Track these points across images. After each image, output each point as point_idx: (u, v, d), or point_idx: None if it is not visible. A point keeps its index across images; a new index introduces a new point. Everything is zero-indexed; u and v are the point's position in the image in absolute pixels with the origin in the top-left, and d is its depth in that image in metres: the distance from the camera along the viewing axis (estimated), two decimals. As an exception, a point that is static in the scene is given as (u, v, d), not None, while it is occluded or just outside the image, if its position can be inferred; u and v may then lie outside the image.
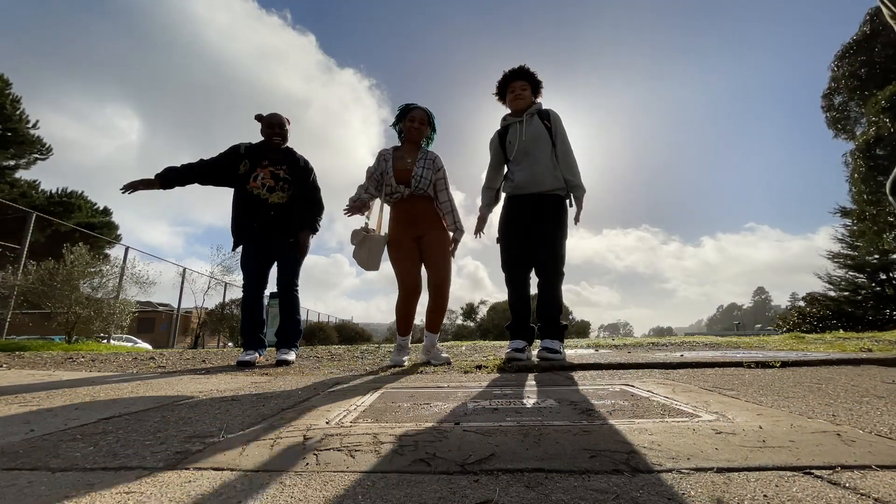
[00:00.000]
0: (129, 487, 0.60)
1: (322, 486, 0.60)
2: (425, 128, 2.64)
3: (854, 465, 0.66)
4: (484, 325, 28.39)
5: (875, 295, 14.77)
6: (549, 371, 1.98)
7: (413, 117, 2.60)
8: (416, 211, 2.58)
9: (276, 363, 2.62)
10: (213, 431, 0.92)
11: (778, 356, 2.27)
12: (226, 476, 0.64)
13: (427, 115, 2.64)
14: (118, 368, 2.53)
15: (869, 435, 0.83)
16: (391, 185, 2.53)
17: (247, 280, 2.77)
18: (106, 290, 7.15)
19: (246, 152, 2.79)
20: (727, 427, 0.89)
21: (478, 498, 0.55)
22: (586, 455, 0.71)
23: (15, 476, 0.66)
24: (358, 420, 1.01)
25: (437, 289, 2.55)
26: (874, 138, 13.34)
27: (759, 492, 0.56)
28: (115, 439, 0.86)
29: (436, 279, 2.55)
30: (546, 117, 2.56)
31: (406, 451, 0.76)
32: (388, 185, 2.55)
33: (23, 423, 1.01)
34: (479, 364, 2.30)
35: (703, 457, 0.70)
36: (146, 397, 1.40)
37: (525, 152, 2.52)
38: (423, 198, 2.59)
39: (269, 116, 2.85)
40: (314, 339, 16.47)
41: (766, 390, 1.39)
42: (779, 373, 1.81)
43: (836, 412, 1.05)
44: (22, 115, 17.45)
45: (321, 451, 0.76)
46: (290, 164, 2.85)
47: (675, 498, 0.55)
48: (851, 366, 2.00)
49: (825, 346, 3.14)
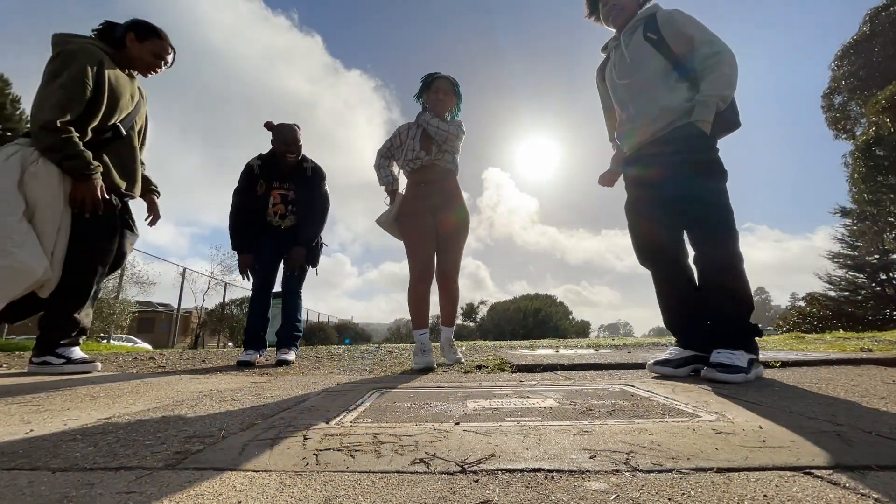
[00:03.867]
0: (129, 487, 0.60)
1: (322, 486, 0.60)
2: (450, 98, 2.45)
3: (854, 465, 0.66)
4: (484, 325, 28.41)
5: (875, 295, 14.77)
6: (549, 371, 1.98)
7: (437, 88, 2.43)
8: (435, 180, 2.38)
9: (276, 363, 2.62)
10: (213, 431, 0.92)
11: (778, 356, 2.27)
12: (226, 476, 0.64)
13: (452, 84, 2.46)
14: (118, 368, 2.53)
15: (869, 435, 0.83)
16: (414, 149, 2.38)
17: (256, 280, 2.79)
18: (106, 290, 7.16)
19: (260, 172, 2.80)
20: (727, 427, 0.89)
21: (477, 498, 0.55)
22: (586, 455, 0.72)
23: (15, 476, 0.66)
24: (358, 420, 1.01)
25: (445, 276, 2.40)
26: (874, 138, 13.33)
27: (759, 492, 0.56)
28: (115, 439, 0.86)
29: (445, 265, 2.40)
30: (653, 29, 1.76)
31: (406, 451, 0.76)
32: (411, 151, 2.40)
33: (23, 423, 1.01)
34: (479, 364, 2.30)
35: (703, 457, 0.70)
36: (146, 397, 1.40)
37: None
38: (444, 168, 2.41)
39: (283, 130, 2.75)
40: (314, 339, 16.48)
41: (766, 390, 1.39)
42: (779, 373, 1.81)
43: (836, 412, 1.05)
44: (22, 115, 17.45)
45: (321, 451, 0.76)
46: (297, 182, 2.86)
47: (675, 498, 0.55)
48: (851, 366, 2.00)
49: (825, 346, 3.14)
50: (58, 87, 1.83)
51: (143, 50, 2.11)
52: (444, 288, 2.42)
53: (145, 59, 2.13)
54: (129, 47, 2.09)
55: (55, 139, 1.81)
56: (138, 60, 2.13)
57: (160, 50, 2.16)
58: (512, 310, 27.32)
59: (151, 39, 2.13)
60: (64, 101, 1.82)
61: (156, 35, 2.15)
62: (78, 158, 1.86)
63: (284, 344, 2.77)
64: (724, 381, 1.51)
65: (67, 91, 1.82)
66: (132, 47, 2.10)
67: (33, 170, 1.82)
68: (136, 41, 2.10)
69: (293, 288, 2.86)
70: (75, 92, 1.84)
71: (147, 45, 2.12)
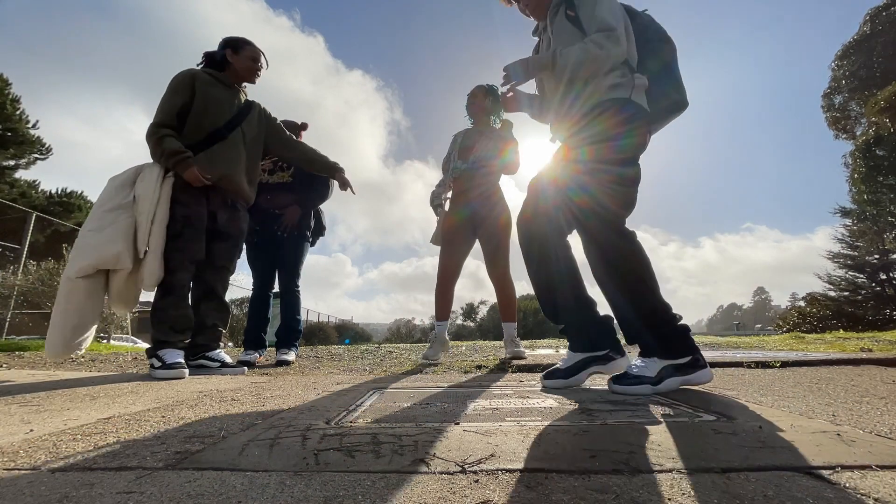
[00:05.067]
0: (128, 487, 0.60)
1: (322, 486, 0.60)
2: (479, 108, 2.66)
3: (854, 465, 0.66)
4: (484, 325, 28.39)
5: (875, 295, 14.78)
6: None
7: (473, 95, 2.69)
8: (471, 187, 2.58)
9: (276, 363, 2.62)
10: (213, 431, 0.92)
11: (778, 356, 2.27)
12: (226, 476, 0.64)
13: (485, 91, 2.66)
14: (118, 368, 2.53)
15: (869, 435, 0.83)
16: (453, 160, 2.64)
17: (256, 279, 2.79)
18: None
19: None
20: (727, 427, 0.89)
21: (477, 498, 0.55)
22: (586, 455, 0.71)
23: (15, 476, 0.66)
24: (358, 420, 1.01)
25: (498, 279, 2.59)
26: (874, 138, 13.34)
27: (759, 492, 0.56)
28: (115, 439, 0.86)
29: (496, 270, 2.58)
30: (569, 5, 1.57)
31: (406, 451, 0.76)
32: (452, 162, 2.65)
33: (23, 423, 1.01)
34: (479, 364, 2.30)
35: (703, 457, 0.70)
36: (146, 397, 1.40)
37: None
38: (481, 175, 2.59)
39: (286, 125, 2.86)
40: (314, 339, 16.47)
41: (766, 390, 1.39)
42: (779, 373, 1.82)
43: (836, 412, 1.05)
44: (22, 114, 17.44)
45: (321, 451, 0.76)
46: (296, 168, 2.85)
47: (674, 498, 0.55)
48: (851, 366, 2.00)
49: (825, 346, 3.14)
50: (159, 104, 2.19)
51: (242, 59, 2.37)
52: (500, 289, 2.60)
53: (246, 65, 2.38)
54: (231, 62, 2.35)
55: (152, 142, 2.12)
56: (243, 69, 2.38)
57: (255, 53, 2.41)
58: (512, 310, 27.28)
59: (244, 47, 2.39)
60: (157, 113, 2.18)
61: (246, 42, 2.41)
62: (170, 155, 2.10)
63: (284, 344, 2.77)
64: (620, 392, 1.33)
65: (163, 104, 2.18)
66: (234, 60, 2.35)
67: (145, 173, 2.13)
68: (234, 54, 2.36)
69: (290, 281, 2.84)
70: (170, 103, 2.17)
71: (243, 52, 2.38)
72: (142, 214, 2.04)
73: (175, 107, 2.17)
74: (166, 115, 2.16)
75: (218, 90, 2.29)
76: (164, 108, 2.17)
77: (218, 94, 2.28)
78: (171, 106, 2.17)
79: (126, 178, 2.12)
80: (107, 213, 2.01)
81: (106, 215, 2.01)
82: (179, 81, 2.21)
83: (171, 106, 2.17)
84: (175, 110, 2.17)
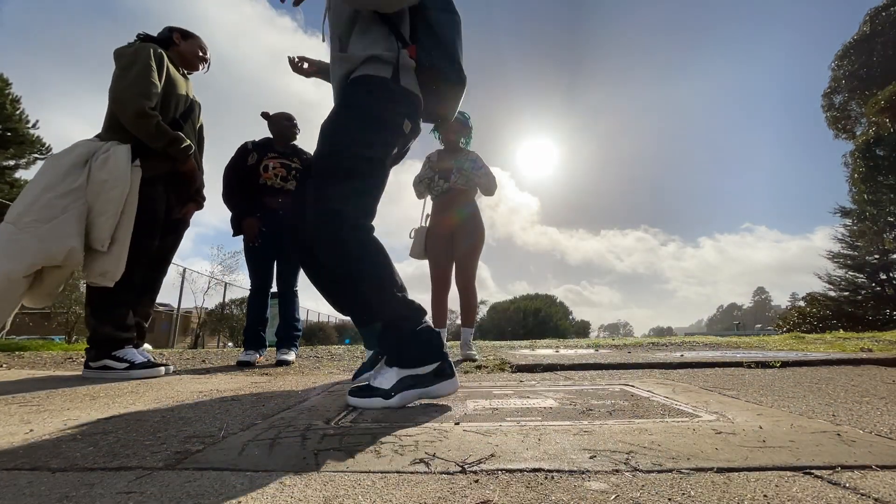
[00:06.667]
0: (129, 487, 0.60)
1: (322, 486, 0.60)
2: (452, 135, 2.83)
3: (854, 465, 0.66)
4: (484, 325, 28.41)
5: (875, 295, 14.77)
6: (549, 371, 1.98)
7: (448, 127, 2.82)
8: (451, 204, 2.81)
9: (276, 363, 2.62)
10: (213, 431, 0.92)
11: (778, 356, 2.27)
12: (226, 476, 0.64)
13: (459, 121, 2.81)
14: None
15: (869, 435, 0.83)
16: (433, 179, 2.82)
17: (255, 279, 2.79)
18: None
19: (254, 147, 2.82)
20: (727, 427, 0.89)
21: (477, 498, 0.55)
22: (586, 455, 0.72)
23: (15, 476, 0.66)
24: (358, 420, 1.01)
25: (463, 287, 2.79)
26: (874, 138, 13.34)
27: (759, 492, 0.56)
28: (115, 439, 0.86)
29: (460, 280, 2.80)
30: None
31: (406, 451, 0.76)
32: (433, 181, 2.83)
33: (23, 423, 1.01)
34: (479, 364, 2.30)
35: (703, 457, 0.70)
36: (146, 397, 1.40)
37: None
38: (461, 192, 2.80)
39: (281, 114, 2.87)
40: (314, 339, 16.48)
41: (766, 390, 1.39)
42: (779, 373, 1.82)
43: (836, 412, 1.05)
44: (22, 114, 17.44)
45: (321, 451, 0.76)
46: (301, 158, 2.86)
47: (674, 498, 0.55)
48: (851, 366, 2.00)
49: (825, 346, 3.14)
50: (135, 77, 1.91)
51: (191, 45, 2.30)
52: (463, 296, 2.81)
53: (195, 52, 2.31)
54: (178, 45, 2.26)
55: (153, 125, 1.92)
56: (189, 55, 2.29)
57: (203, 46, 2.36)
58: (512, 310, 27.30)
59: (194, 37, 2.34)
60: (145, 90, 1.92)
61: (193, 35, 2.35)
62: (179, 140, 2.02)
63: (284, 344, 2.77)
64: (353, 405, 1.15)
65: (144, 80, 1.93)
66: (181, 44, 2.27)
67: (103, 156, 1.86)
68: (182, 39, 2.28)
69: (289, 281, 2.84)
70: (151, 80, 1.95)
71: (192, 41, 2.32)
72: (110, 202, 1.82)
73: (158, 89, 1.98)
74: (154, 97, 1.95)
75: (177, 76, 2.18)
76: (147, 86, 1.92)
77: (178, 80, 2.17)
78: (155, 87, 1.97)
79: (76, 157, 1.85)
80: (56, 200, 1.75)
81: (55, 202, 1.75)
82: (157, 59, 2.01)
83: (155, 86, 1.97)
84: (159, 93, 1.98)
